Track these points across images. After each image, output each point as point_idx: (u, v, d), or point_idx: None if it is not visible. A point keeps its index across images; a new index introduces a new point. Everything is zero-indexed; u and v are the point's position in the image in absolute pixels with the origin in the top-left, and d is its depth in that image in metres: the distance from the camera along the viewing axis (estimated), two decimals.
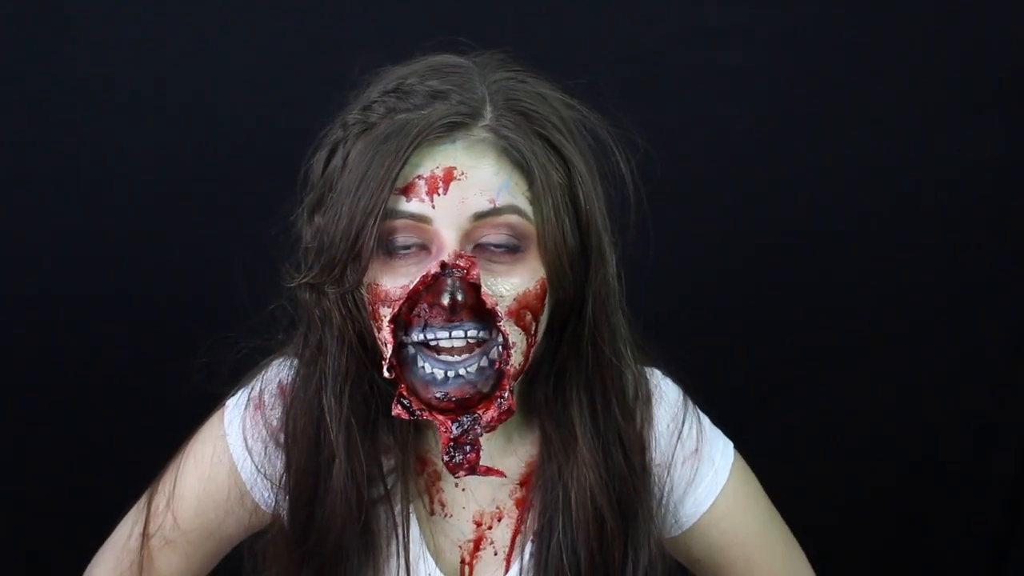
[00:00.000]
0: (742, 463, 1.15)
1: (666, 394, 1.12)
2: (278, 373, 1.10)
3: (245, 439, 1.09)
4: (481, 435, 0.96)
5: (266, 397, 1.09)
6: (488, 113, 0.95)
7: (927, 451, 1.96)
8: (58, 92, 1.73)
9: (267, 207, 1.15)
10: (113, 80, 1.73)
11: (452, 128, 0.93)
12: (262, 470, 1.09)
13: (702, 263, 1.85)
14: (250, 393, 1.11)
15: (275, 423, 1.08)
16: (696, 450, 1.11)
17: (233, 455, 1.10)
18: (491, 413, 0.95)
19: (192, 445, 1.13)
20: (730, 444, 1.15)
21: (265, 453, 1.09)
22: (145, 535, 1.13)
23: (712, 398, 1.19)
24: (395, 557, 1.07)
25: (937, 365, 1.93)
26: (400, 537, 1.06)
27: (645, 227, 1.07)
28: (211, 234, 1.75)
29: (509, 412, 0.96)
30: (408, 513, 1.07)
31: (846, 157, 1.85)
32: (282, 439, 1.07)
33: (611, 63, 1.73)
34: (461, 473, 0.97)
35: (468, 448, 0.96)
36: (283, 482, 1.07)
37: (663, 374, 1.14)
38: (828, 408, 1.93)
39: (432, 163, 0.93)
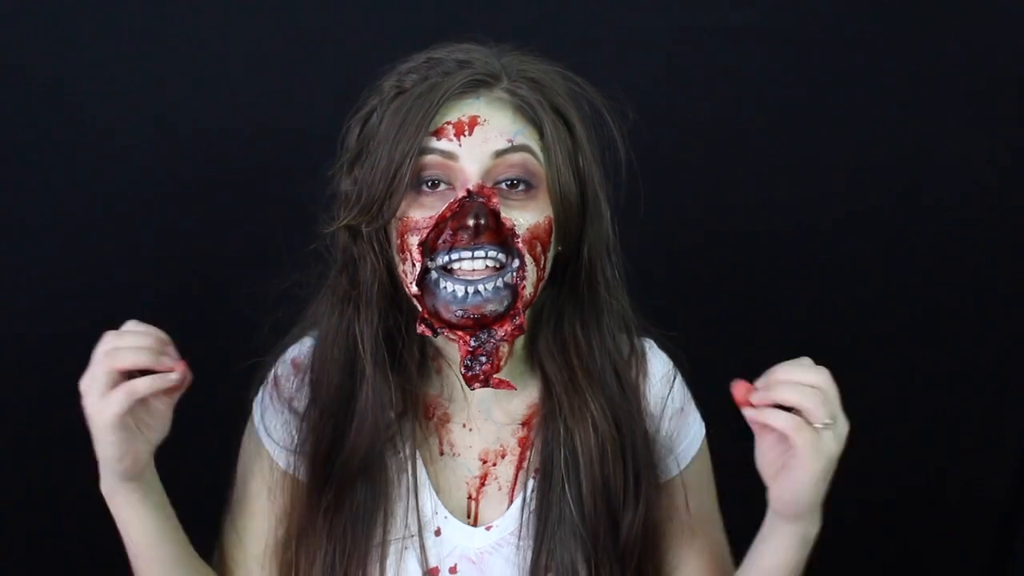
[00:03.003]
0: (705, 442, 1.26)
1: (658, 355, 1.24)
2: (292, 353, 1.22)
3: (266, 421, 1.20)
4: (495, 348, 1.08)
5: (281, 371, 1.21)
6: (505, 80, 1.12)
7: (927, 452, 1.97)
8: (59, 91, 1.73)
9: (269, 205, 1.17)
10: (113, 78, 1.73)
11: (477, 85, 1.10)
12: (281, 442, 1.19)
13: (702, 263, 1.86)
14: (269, 380, 1.22)
15: (288, 393, 1.19)
16: (682, 410, 1.23)
17: (265, 444, 1.20)
18: (505, 328, 1.08)
19: (240, 450, 1.24)
20: (702, 420, 1.25)
21: (283, 424, 1.19)
22: (224, 538, 1.23)
23: (712, 398, 1.22)
24: (403, 499, 1.16)
25: (937, 365, 1.94)
26: (409, 474, 1.16)
27: (646, 222, 1.20)
28: (213, 235, 1.76)
29: (521, 328, 1.09)
30: (415, 453, 1.17)
31: (846, 156, 1.86)
32: (296, 405, 1.19)
33: (611, 62, 1.72)
34: (477, 385, 1.09)
35: (484, 359, 1.08)
36: (304, 423, 1.17)
37: (654, 345, 1.25)
38: None
39: (459, 112, 1.09)
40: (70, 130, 1.73)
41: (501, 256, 1.07)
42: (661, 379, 1.22)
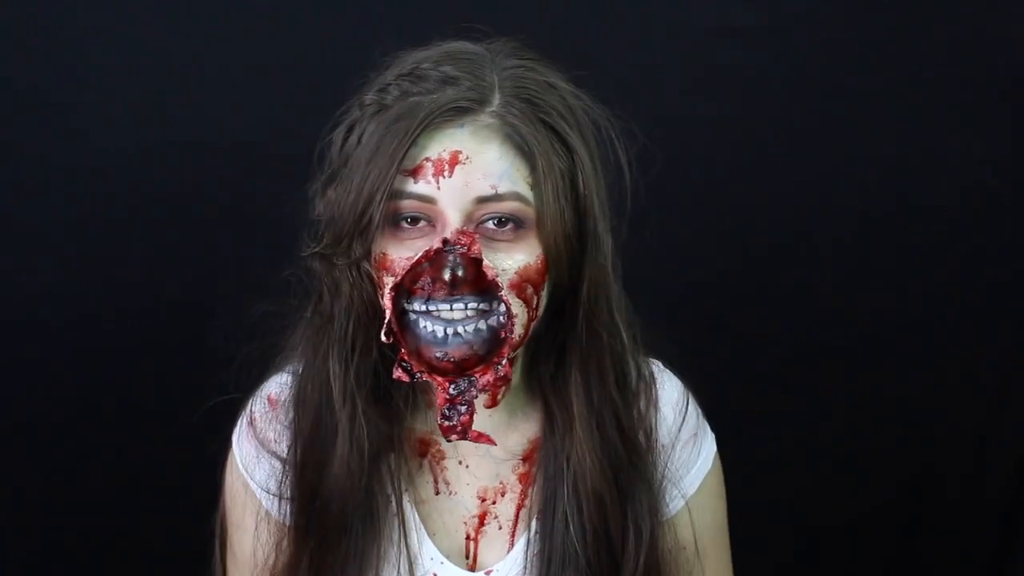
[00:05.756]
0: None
1: (669, 380, 1.17)
2: (269, 388, 1.15)
3: (245, 460, 1.14)
4: (476, 397, 1.01)
5: (257, 411, 1.14)
6: (496, 100, 1.01)
7: (926, 458, 1.96)
8: (58, 93, 1.73)
9: (268, 207, 1.16)
10: (114, 79, 1.73)
11: (460, 113, 0.99)
12: (263, 486, 1.13)
13: (702, 264, 1.85)
14: (246, 414, 1.16)
15: (267, 435, 1.13)
16: (695, 435, 1.17)
17: (244, 477, 1.14)
18: (487, 377, 1.00)
19: (224, 483, 1.18)
20: (713, 434, 1.20)
21: (265, 468, 1.13)
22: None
23: (710, 399, 1.21)
24: (395, 543, 1.10)
25: (937, 365, 1.93)
26: (398, 517, 1.10)
27: (645, 224, 1.13)
28: (212, 239, 1.76)
29: (505, 379, 1.01)
30: (402, 496, 1.10)
31: (846, 157, 1.85)
32: (276, 448, 1.12)
33: (611, 63, 1.72)
34: (454, 437, 1.02)
35: (463, 409, 1.01)
36: (289, 468, 1.11)
37: (663, 366, 1.19)
38: (827, 410, 1.93)
39: (440, 146, 0.98)
40: (48, 152, 1.73)
41: (483, 305, 0.99)
42: (673, 408, 1.15)
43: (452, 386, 1.00)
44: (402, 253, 0.99)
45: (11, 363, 1.77)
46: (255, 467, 1.13)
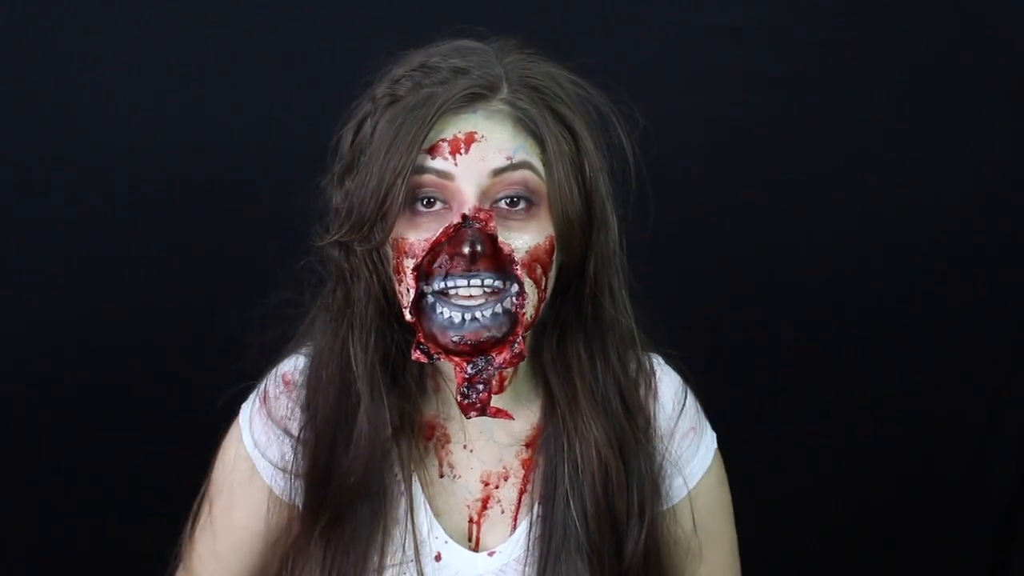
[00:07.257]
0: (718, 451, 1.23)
1: (668, 373, 1.20)
2: (283, 367, 1.17)
3: (255, 435, 1.16)
4: (494, 375, 1.04)
5: (271, 389, 1.17)
6: (504, 88, 1.05)
7: (927, 451, 1.97)
8: (58, 93, 1.73)
9: (260, 217, 1.16)
10: (114, 79, 1.73)
11: (473, 99, 1.03)
12: (274, 462, 1.15)
13: (702, 263, 1.86)
14: (260, 391, 1.18)
15: (280, 412, 1.15)
16: (694, 428, 1.19)
17: (250, 453, 1.16)
18: (504, 355, 1.04)
19: (220, 453, 1.20)
20: (713, 432, 1.22)
21: (276, 444, 1.15)
22: (191, 542, 1.20)
23: (710, 399, 1.22)
24: (401, 523, 1.13)
25: (938, 365, 1.93)
26: (405, 497, 1.13)
27: (645, 223, 1.15)
28: (203, 248, 1.76)
29: (520, 356, 1.04)
30: (411, 476, 1.13)
31: (846, 157, 1.86)
32: (289, 426, 1.15)
33: (611, 62, 1.72)
34: (473, 413, 1.05)
35: (481, 387, 1.04)
36: (300, 445, 1.13)
37: (663, 360, 1.21)
38: (827, 410, 1.94)
39: (455, 129, 1.03)
40: (48, 151, 1.73)
41: (498, 283, 1.02)
42: (672, 399, 1.17)
43: (470, 366, 1.03)
44: (420, 235, 1.03)
45: (11, 363, 1.77)
46: (266, 444, 1.15)
